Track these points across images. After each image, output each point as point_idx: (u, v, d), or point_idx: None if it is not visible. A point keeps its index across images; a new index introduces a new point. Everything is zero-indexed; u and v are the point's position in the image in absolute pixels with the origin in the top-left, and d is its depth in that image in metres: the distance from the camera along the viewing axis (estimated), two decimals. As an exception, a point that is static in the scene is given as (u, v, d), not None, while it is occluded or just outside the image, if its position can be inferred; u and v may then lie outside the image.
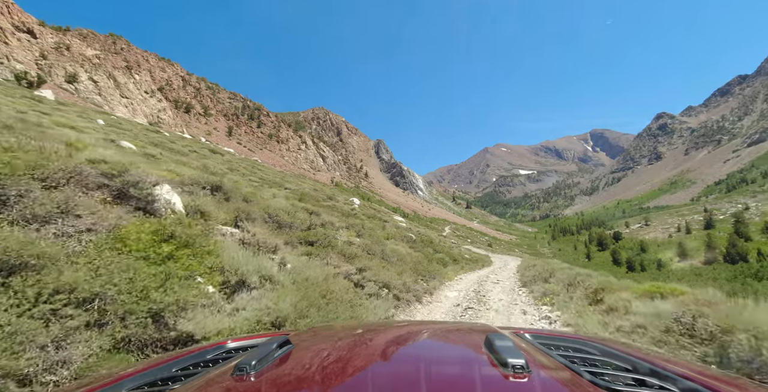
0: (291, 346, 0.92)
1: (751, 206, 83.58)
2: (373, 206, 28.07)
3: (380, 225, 11.44)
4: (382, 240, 7.87)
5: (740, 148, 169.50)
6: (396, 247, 7.69)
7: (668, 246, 68.71)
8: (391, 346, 1.03)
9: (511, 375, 0.65)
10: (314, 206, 8.73)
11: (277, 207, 5.74)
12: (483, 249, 44.48)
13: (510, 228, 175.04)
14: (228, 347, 1.13)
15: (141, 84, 54.40)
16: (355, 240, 6.41)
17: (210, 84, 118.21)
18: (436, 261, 10.26)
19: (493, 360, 0.73)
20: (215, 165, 13.24)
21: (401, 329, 1.30)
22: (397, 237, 10.66)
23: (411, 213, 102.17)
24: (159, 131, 23.34)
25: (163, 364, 0.94)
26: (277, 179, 18.01)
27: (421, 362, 0.85)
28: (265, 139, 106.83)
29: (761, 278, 42.63)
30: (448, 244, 19.77)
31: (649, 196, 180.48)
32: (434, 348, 1.03)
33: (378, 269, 5.26)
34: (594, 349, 1.00)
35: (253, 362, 0.74)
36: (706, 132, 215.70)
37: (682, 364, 0.86)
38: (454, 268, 11.40)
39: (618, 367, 0.85)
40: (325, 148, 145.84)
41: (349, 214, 12.40)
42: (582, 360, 0.91)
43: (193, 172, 5.60)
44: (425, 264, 8.10)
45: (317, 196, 15.80)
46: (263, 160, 68.90)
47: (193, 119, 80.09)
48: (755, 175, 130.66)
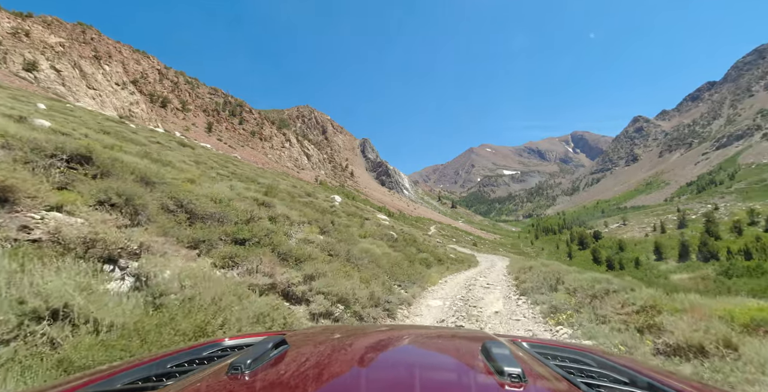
0: (287, 346, 0.92)
1: (720, 206, 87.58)
2: (356, 204, 27.11)
3: (359, 223, 10.55)
4: (355, 238, 6.95)
5: (709, 151, 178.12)
6: (370, 247, 6.71)
7: (645, 245, 70.92)
8: (387, 350, 1.03)
9: (507, 383, 0.64)
10: (287, 201, 7.71)
11: (203, 193, 4.57)
12: (468, 249, 44.22)
13: (494, 227, 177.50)
14: (224, 345, 1.12)
15: (111, 75, 51.31)
16: (316, 238, 5.39)
17: (189, 78, 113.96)
18: (419, 261, 9.44)
19: (490, 368, 0.72)
20: (180, 157, 11.99)
21: (399, 333, 1.29)
22: (376, 235, 9.77)
23: (396, 212, 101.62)
24: (124, 123, 21.57)
25: (158, 360, 0.94)
26: (252, 174, 16.80)
27: (416, 367, 0.85)
28: (247, 136, 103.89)
29: (731, 276, 44.29)
30: (433, 243, 19.00)
31: (627, 196, 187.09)
32: (430, 353, 1.02)
33: (337, 276, 4.25)
34: (592, 361, 0.99)
35: (248, 361, 0.73)
36: (679, 135, 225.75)
37: (681, 379, 0.84)
38: (438, 269, 10.58)
39: (615, 380, 0.84)
40: (309, 147, 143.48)
41: (327, 211, 11.46)
42: (579, 371, 0.89)
43: (38, 135, 3.99)
44: (405, 267, 7.13)
45: (295, 192, 14.75)
46: (245, 157, 66.60)
47: (170, 114, 76.64)
48: (723, 176, 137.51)
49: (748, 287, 32.25)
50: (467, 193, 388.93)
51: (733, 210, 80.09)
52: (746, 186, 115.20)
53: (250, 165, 32.51)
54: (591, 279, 5.71)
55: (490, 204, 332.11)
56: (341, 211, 13.17)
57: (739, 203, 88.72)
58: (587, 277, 5.98)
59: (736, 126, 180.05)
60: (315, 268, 4.02)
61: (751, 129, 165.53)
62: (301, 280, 3.71)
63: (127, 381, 0.81)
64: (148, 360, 0.93)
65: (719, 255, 56.50)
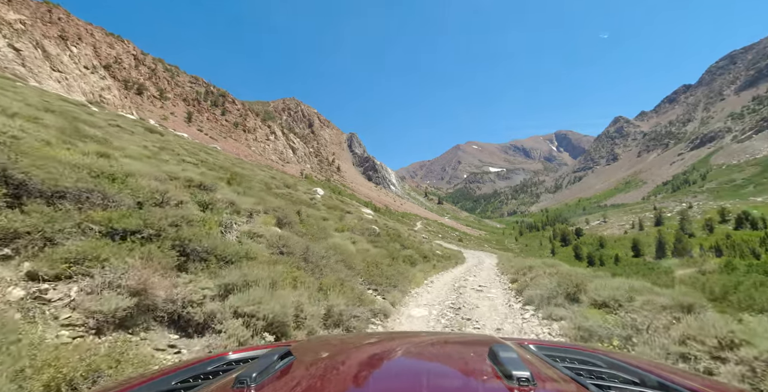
0: (292, 358, 0.91)
1: (693, 205, 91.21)
2: (340, 198, 26.17)
3: (338, 216, 9.69)
4: (329, 232, 6.09)
5: (684, 151, 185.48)
6: (343, 243, 5.80)
7: (624, 241, 73.04)
8: (394, 358, 1.02)
9: (516, 387, 0.63)
10: (261, 192, 6.74)
11: (69, 160, 3.35)
12: (454, 245, 44.12)
13: (480, 224, 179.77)
14: (229, 359, 1.10)
15: (79, 58, 47.96)
16: (269, 231, 4.39)
17: (168, 66, 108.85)
18: (403, 259, 8.67)
19: (498, 372, 0.71)
20: (140, 142, 10.76)
21: (404, 340, 1.28)
22: (356, 229, 8.93)
23: (383, 207, 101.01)
24: (85, 106, 19.78)
25: (163, 377, 0.92)
26: (227, 164, 15.59)
27: (423, 374, 0.84)
28: (230, 128, 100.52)
29: (704, 272, 45.92)
30: (419, 239, 18.26)
31: (607, 194, 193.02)
32: (437, 359, 1.01)
33: (280, 285, 3.15)
34: (600, 361, 0.98)
35: (254, 374, 0.72)
36: (656, 136, 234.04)
37: (690, 377, 0.84)
38: (424, 268, 9.82)
39: (625, 380, 0.83)
40: (295, 140, 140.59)
41: (305, 203, 10.55)
42: (588, 373, 0.89)
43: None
44: (385, 266, 6.24)
45: (273, 183, 13.76)
46: (226, 148, 64.17)
47: (146, 102, 72.85)
48: (696, 176, 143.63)
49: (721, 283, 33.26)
50: (454, 189, 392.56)
51: (705, 209, 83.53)
52: (717, 185, 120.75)
53: (228, 155, 30.93)
54: (627, 288, 4.36)
55: (476, 200, 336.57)
56: (321, 204, 12.28)
57: (711, 202, 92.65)
58: (618, 284, 4.64)
59: (708, 128, 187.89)
60: (243, 274, 2.73)
61: (722, 131, 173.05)
62: (214, 294, 2.53)
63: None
64: (152, 377, 0.91)
65: (692, 252, 58.63)
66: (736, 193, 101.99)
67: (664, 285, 7.62)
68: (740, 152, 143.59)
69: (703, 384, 0.78)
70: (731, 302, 8.84)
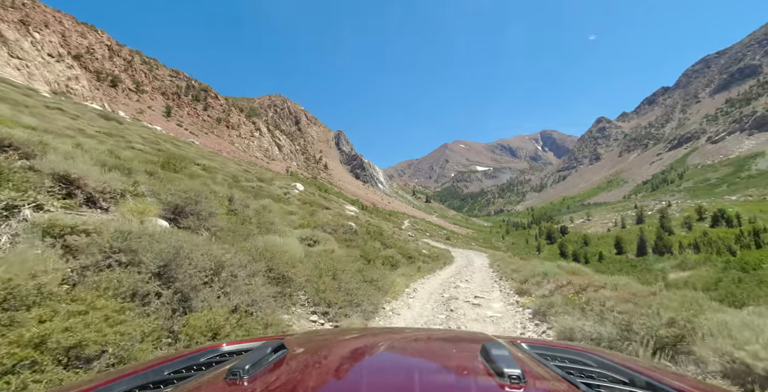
0: (285, 351, 0.91)
1: (672, 203, 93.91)
2: (324, 195, 24.92)
3: (310, 211, 8.52)
4: (277, 228, 4.84)
5: (662, 152, 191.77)
6: (288, 242, 4.33)
7: (607, 239, 74.33)
8: (386, 354, 1.03)
9: (506, 385, 0.64)
10: (224, 184, 5.48)
11: None
12: (442, 243, 43.47)
13: (467, 222, 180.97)
14: (222, 350, 1.11)
15: (43, 45, 44.80)
16: (126, 224, 2.73)
17: (146, 58, 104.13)
18: (383, 260, 7.54)
19: (489, 369, 0.72)
20: (80, 127, 9.32)
21: (397, 336, 1.29)
22: (328, 226, 7.78)
23: (370, 205, 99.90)
24: (34, 91, 17.87)
25: (156, 367, 0.92)
26: (193, 156, 14.13)
27: (415, 370, 0.85)
28: (212, 123, 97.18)
29: (684, 269, 46.89)
30: (404, 237, 17.16)
31: (590, 193, 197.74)
32: (430, 356, 1.02)
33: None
34: (591, 361, 0.99)
35: (247, 366, 0.72)
36: (636, 136, 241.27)
37: (678, 378, 0.86)
38: (407, 271, 8.63)
39: (615, 380, 0.85)
40: (281, 137, 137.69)
41: (277, 199, 9.36)
42: (579, 372, 0.90)
43: None
44: (349, 276, 4.77)
45: (244, 176, 12.49)
46: (207, 144, 61.56)
47: (120, 95, 69.20)
48: (673, 176, 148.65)
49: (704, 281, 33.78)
50: (441, 187, 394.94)
51: (684, 207, 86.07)
52: (693, 185, 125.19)
53: (202, 149, 29.11)
54: (688, 299, 3.10)
55: (464, 199, 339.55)
56: (296, 199, 11.09)
57: (689, 200, 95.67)
58: (676, 299, 3.31)
59: (685, 129, 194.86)
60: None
61: (697, 132, 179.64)
62: None
63: (123, 390, 0.80)
64: (144, 367, 0.92)
65: (672, 250, 60.03)
66: (711, 192, 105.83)
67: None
68: (714, 153, 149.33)
69: (691, 385, 0.79)
70: (713, 298, 9.56)
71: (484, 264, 15.43)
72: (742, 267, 42.61)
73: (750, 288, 27.88)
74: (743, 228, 60.80)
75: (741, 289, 26.51)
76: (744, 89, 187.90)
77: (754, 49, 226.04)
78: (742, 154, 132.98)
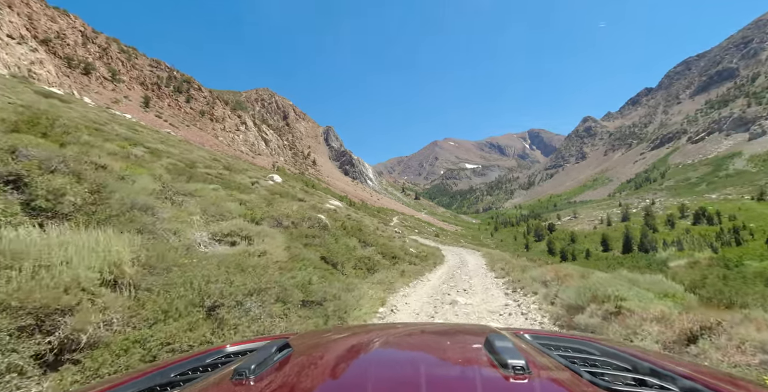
0: (290, 350, 0.92)
1: (656, 201, 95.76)
2: (307, 189, 23.44)
3: (268, 201, 7.15)
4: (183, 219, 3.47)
5: (645, 151, 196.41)
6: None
7: (594, 236, 75.05)
8: (391, 349, 1.04)
9: (511, 376, 0.64)
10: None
11: None
12: (431, 241, 42.50)
13: (456, 219, 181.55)
14: (227, 351, 1.13)
15: (1, 25, 41.36)
16: None
17: (125, 46, 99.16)
18: (356, 263, 6.16)
19: (493, 361, 0.73)
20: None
21: (401, 331, 1.30)
22: (288, 218, 6.37)
23: (359, 202, 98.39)
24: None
25: (161, 370, 0.93)
26: (147, 139, 12.45)
27: (421, 364, 0.86)
28: (195, 116, 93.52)
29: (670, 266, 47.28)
30: (389, 234, 15.69)
31: (576, 191, 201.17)
32: (434, 349, 1.03)
33: None
34: (594, 349, 1.00)
35: (253, 366, 0.73)
36: (621, 136, 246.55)
37: (682, 364, 0.87)
38: (387, 276, 7.10)
39: (618, 367, 0.86)
40: (268, 131, 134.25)
41: (241, 189, 7.94)
42: (582, 361, 0.91)
43: None
44: (270, 295, 3.08)
45: (203, 163, 10.95)
46: (188, 137, 58.75)
47: (94, 83, 65.34)
48: (656, 175, 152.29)
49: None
50: (431, 185, 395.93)
51: (667, 205, 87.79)
52: (675, 183, 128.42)
53: (169, 136, 26.97)
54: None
55: (453, 196, 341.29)
56: (265, 190, 9.64)
57: (671, 198, 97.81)
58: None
59: (667, 129, 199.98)
60: None
61: (678, 132, 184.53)
62: None
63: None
64: (150, 370, 0.92)
65: (657, 246, 60.90)
66: (691, 191, 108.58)
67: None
68: (694, 152, 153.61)
69: (694, 370, 0.80)
70: (701, 296, 8.96)
71: (480, 265, 13.94)
72: (725, 264, 43.31)
73: (738, 285, 27.88)
74: (723, 226, 62.19)
75: (729, 287, 26.57)
76: (722, 91, 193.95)
77: (731, 53, 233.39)
78: (720, 154, 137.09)
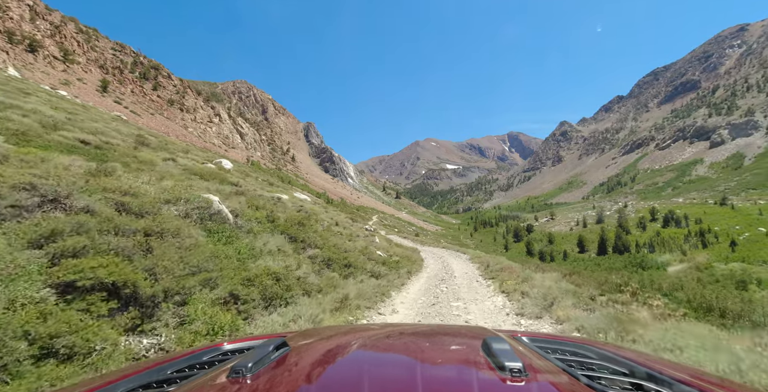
0: (288, 348, 0.92)
1: (628, 204, 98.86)
2: (272, 180, 20.72)
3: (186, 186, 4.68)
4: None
5: (617, 156, 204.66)
6: None
7: (570, 238, 76.01)
8: (388, 348, 1.04)
9: (508, 378, 0.64)
10: None
11: None
12: (410, 240, 40.55)
13: (436, 219, 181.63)
14: (224, 349, 1.13)
15: None
16: None
17: (84, 27, 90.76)
18: (234, 287, 3.49)
19: (491, 363, 0.72)
20: None
21: (397, 331, 1.30)
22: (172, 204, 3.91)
23: (338, 200, 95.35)
24: None
25: (158, 366, 0.93)
26: (81, 119, 9.42)
27: (418, 364, 0.85)
28: (162, 105, 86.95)
29: (646, 267, 47.82)
30: (352, 231, 12.20)
31: (552, 193, 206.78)
32: (431, 350, 1.02)
33: None
34: (591, 353, 1.00)
35: (250, 364, 0.73)
36: (594, 141, 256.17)
37: (679, 368, 0.87)
38: (331, 300, 4.49)
39: (615, 371, 0.85)
40: (244, 125, 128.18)
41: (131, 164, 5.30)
42: (579, 364, 0.91)
43: None
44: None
45: (114, 142, 8.15)
46: (154, 126, 53.73)
47: (40, 62, 58.61)
48: (627, 179, 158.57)
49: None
50: (412, 184, 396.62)
51: (638, 208, 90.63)
52: (644, 187, 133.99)
53: (127, 124, 23.33)
54: None
55: (433, 196, 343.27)
56: (183, 169, 7.01)
57: (642, 202, 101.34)
58: None
59: (636, 136, 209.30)
60: None
61: (647, 139, 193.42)
62: None
63: (127, 389, 0.80)
64: (147, 366, 0.92)
65: (630, 248, 62.06)
66: (659, 195, 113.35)
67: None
68: (661, 158, 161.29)
69: (690, 374, 0.80)
70: (679, 299, 8.40)
71: (471, 273, 10.64)
72: (696, 266, 44.22)
73: (717, 289, 27.66)
74: (691, 229, 64.35)
75: (709, 290, 26.44)
76: (686, 101, 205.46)
77: (694, 66, 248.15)
78: (684, 161, 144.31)
